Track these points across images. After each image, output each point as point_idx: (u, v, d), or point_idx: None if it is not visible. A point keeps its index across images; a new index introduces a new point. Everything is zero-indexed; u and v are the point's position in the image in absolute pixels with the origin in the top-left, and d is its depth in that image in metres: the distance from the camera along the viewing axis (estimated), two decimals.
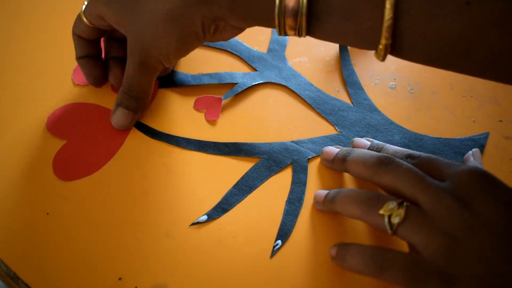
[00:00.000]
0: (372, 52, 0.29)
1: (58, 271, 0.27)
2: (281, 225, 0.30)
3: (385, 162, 0.26)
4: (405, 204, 0.24)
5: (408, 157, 0.28)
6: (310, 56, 0.39)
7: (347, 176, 0.32)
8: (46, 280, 0.27)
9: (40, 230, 0.29)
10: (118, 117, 0.32)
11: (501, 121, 0.35)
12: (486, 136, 0.34)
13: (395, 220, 0.24)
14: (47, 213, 0.29)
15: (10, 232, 0.29)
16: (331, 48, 0.39)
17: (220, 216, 0.30)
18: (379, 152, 0.30)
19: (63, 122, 0.33)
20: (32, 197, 0.30)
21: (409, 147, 0.33)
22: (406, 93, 0.37)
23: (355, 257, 0.25)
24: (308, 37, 0.27)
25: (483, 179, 0.25)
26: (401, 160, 0.26)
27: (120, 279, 0.27)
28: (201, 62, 0.38)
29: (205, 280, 0.27)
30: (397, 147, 0.30)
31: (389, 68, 0.38)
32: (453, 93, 0.37)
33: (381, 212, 0.25)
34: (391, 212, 0.24)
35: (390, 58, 0.26)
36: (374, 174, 0.27)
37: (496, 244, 0.23)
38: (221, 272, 0.28)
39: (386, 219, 0.24)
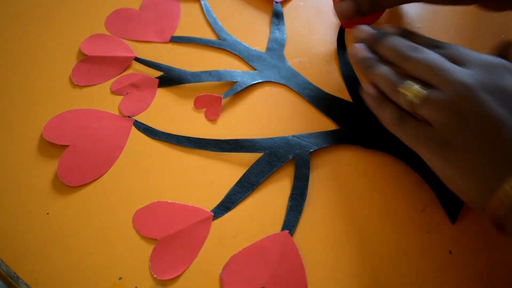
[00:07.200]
0: None
1: (58, 271, 0.27)
2: (284, 221, 0.30)
3: (413, 49, 0.29)
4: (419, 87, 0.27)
5: (437, 47, 0.30)
6: (310, 56, 0.39)
7: (348, 170, 0.32)
8: (46, 280, 0.27)
9: (40, 230, 0.29)
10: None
11: None
12: None
13: (416, 100, 0.27)
14: (47, 213, 0.30)
15: (10, 232, 0.29)
16: (332, 49, 0.39)
17: (224, 214, 0.30)
18: (408, 38, 0.31)
19: (60, 130, 0.33)
20: (32, 197, 0.30)
21: None
22: None
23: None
24: (307, 37, 0.27)
25: (503, 70, 0.27)
26: (429, 50, 0.28)
27: (120, 279, 0.27)
28: (200, 61, 0.38)
29: (205, 280, 0.27)
30: (427, 37, 0.31)
31: None
32: None
33: (402, 91, 0.28)
34: (411, 91, 0.27)
35: None
36: (402, 60, 0.29)
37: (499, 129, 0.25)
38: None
39: (408, 98, 0.27)
